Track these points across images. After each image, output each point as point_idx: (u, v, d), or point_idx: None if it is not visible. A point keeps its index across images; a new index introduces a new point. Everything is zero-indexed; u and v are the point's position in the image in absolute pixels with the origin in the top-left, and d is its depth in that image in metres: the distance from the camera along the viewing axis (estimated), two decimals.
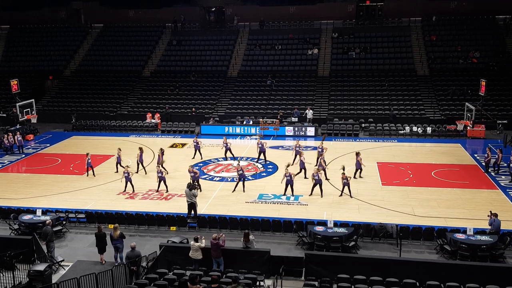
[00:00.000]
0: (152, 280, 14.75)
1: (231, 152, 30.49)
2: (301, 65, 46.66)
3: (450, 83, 42.25)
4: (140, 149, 28.48)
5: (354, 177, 26.17)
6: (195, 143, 31.01)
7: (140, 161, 28.38)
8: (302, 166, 26.60)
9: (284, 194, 24.29)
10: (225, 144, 30.28)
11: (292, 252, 18.71)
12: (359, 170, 26.68)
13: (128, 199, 24.49)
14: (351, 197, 23.96)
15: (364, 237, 19.70)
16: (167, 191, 25.19)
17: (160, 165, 25.55)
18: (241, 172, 24.86)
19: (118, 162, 28.19)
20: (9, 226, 20.71)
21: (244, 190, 24.90)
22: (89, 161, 27.93)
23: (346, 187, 23.95)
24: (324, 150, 27.94)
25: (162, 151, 28.18)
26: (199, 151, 31.00)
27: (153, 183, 26.17)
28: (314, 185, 24.08)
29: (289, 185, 24.10)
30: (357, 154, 26.75)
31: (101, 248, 17.94)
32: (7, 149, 33.31)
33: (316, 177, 23.90)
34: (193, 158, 30.92)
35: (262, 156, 30.02)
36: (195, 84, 46.01)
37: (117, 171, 28.07)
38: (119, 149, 28.80)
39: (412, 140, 35.56)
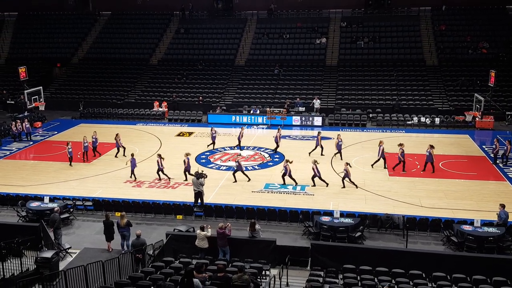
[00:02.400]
0: (159, 268, 14.83)
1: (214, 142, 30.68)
2: (309, 54, 46.38)
3: (459, 73, 41.88)
4: (159, 155, 25.75)
5: (385, 167, 26.48)
6: (212, 133, 30.66)
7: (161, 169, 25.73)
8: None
9: (284, 184, 24.30)
10: (213, 133, 30.42)
11: (298, 242, 18.72)
12: (381, 160, 26.64)
13: (135, 187, 24.58)
14: (357, 187, 23.94)
15: (370, 228, 19.68)
16: (159, 179, 25.30)
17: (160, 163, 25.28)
18: (237, 164, 24.89)
19: (187, 170, 25.26)
20: (17, 213, 20.87)
21: (235, 180, 24.90)
22: (70, 150, 27.42)
23: (347, 178, 23.86)
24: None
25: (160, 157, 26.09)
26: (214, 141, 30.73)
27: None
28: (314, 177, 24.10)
29: (286, 176, 24.07)
30: (381, 142, 26.69)
31: (108, 236, 18.05)
32: (15, 136, 33.50)
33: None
34: (209, 146, 30.84)
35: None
36: (202, 73, 45.91)
37: (186, 179, 25.39)
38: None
39: (420, 130, 35.37)
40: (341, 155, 28.02)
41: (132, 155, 25.78)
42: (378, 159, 26.62)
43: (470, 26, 46.49)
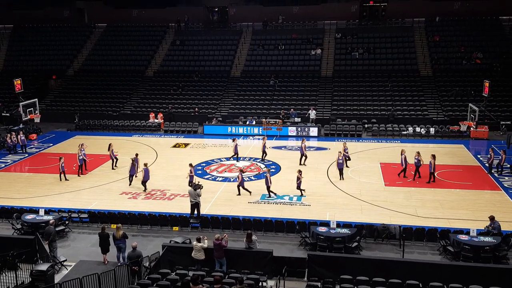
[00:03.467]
0: (155, 281, 14.74)
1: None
2: (304, 65, 46.63)
3: (453, 83, 42.15)
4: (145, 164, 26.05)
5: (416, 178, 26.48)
6: (235, 144, 30.35)
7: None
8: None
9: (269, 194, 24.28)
10: (236, 144, 30.18)
11: (294, 253, 18.68)
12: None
13: (131, 199, 24.49)
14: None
15: (367, 238, 19.64)
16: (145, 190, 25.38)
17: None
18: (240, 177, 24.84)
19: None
20: (12, 226, 20.72)
21: (239, 193, 24.78)
22: (63, 165, 27.13)
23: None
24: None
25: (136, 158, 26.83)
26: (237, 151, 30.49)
27: (155, 183, 26.24)
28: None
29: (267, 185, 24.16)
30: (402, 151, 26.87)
31: (104, 248, 17.95)
32: (10, 149, 33.38)
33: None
34: (231, 158, 30.67)
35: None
36: (198, 84, 46.02)
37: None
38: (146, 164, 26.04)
39: (415, 140, 35.48)
40: (346, 164, 27.99)
41: (146, 164, 25.52)
42: (404, 168, 26.71)
43: (464, 37, 46.91)
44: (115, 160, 29.44)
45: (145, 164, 25.55)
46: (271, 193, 24.25)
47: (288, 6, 52.98)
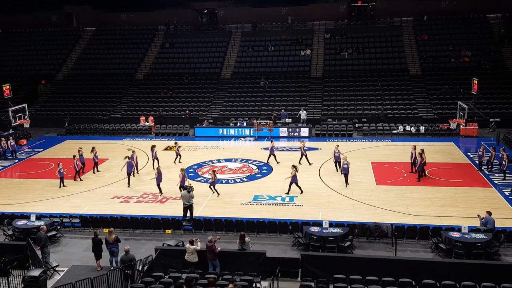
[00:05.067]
0: (148, 284, 14.72)
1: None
2: (294, 66, 46.72)
3: (442, 82, 42.43)
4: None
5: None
6: (272, 146, 30.07)
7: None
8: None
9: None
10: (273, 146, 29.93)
11: (288, 253, 18.71)
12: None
13: (123, 203, 24.41)
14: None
15: (359, 237, 19.72)
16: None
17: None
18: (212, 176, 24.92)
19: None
20: (3, 232, 20.58)
21: (215, 193, 24.80)
22: (61, 170, 26.81)
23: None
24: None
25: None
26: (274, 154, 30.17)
27: (147, 186, 26.18)
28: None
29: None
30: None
31: (97, 254, 17.85)
32: (0, 155, 33.13)
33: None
34: (269, 160, 30.25)
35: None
36: (189, 87, 45.98)
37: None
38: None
39: (405, 139, 35.65)
40: (336, 166, 27.95)
41: (158, 169, 25.41)
42: (413, 163, 26.97)
43: (452, 35, 47.24)
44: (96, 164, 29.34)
45: (157, 169, 25.43)
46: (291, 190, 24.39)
47: (277, 7, 53.07)
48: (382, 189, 25.18)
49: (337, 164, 27.68)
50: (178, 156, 30.59)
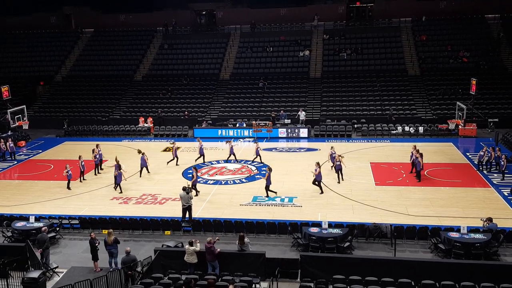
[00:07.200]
0: (148, 285, 14.72)
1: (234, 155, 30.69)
2: (292, 67, 46.74)
3: (441, 82, 42.47)
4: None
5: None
6: (230, 146, 30.50)
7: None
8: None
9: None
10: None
11: (287, 254, 18.70)
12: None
13: (122, 204, 24.40)
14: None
15: (358, 238, 19.73)
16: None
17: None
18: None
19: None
20: (2, 234, 20.57)
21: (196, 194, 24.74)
22: (70, 172, 26.64)
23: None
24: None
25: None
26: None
27: (146, 187, 26.17)
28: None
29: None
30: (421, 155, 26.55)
31: (94, 256, 17.82)
32: None
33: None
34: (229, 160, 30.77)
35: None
36: (187, 88, 45.98)
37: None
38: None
39: (404, 140, 35.67)
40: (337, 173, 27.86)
41: (195, 168, 25.52)
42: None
43: (450, 36, 47.29)
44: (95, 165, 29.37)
45: (195, 168, 25.47)
46: (269, 192, 24.24)
47: (275, 8, 53.12)
48: (381, 190, 25.18)
49: (334, 168, 27.49)
50: (176, 158, 30.35)
